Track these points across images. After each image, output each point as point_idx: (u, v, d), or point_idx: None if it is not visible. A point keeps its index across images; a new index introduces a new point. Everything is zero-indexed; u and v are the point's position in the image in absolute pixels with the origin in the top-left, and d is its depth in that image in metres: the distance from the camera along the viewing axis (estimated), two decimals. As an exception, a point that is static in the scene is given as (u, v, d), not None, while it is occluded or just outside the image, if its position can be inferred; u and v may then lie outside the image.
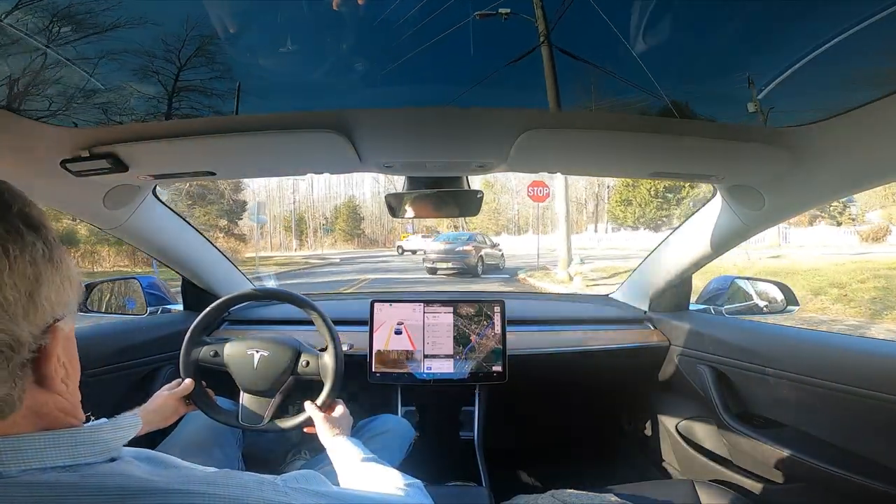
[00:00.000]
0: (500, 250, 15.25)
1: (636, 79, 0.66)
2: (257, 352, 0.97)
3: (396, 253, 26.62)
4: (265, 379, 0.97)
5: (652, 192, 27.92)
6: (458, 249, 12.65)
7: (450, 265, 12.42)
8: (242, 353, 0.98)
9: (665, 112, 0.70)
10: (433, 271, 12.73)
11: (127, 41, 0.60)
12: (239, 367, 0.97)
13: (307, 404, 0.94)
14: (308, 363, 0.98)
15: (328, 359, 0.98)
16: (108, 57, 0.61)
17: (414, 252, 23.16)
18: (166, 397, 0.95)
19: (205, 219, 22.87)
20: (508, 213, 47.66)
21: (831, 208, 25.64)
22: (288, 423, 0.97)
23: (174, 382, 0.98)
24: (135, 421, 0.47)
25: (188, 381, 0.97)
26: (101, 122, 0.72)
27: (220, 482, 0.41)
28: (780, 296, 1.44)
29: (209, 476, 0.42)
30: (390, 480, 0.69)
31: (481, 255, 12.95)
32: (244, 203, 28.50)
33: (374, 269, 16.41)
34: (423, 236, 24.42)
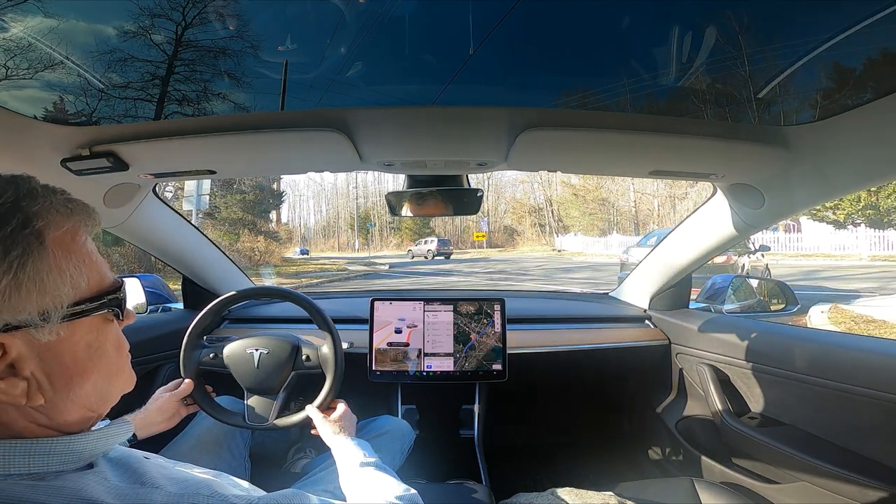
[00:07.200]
0: (762, 256, 7.53)
1: (636, 77, 0.66)
2: (256, 350, 0.97)
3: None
4: (267, 376, 0.97)
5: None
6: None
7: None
8: (242, 352, 0.98)
9: (665, 111, 0.70)
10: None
11: (126, 41, 0.60)
12: (240, 367, 0.98)
13: (308, 407, 0.94)
14: (308, 357, 0.99)
15: (327, 350, 0.98)
16: (109, 56, 0.61)
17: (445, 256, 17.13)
18: (167, 399, 0.93)
19: (226, 212, 18.05)
20: (621, 205, 32.68)
21: None
22: (288, 420, 0.96)
23: (173, 384, 0.97)
24: (124, 428, 0.46)
25: (188, 381, 0.96)
26: (102, 121, 0.72)
27: None
28: (780, 295, 1.45)
29: (171, 498, 0.40)
30: (386, 489, 0.67)
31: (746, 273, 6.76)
32: (280, 194, 22.25)
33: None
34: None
